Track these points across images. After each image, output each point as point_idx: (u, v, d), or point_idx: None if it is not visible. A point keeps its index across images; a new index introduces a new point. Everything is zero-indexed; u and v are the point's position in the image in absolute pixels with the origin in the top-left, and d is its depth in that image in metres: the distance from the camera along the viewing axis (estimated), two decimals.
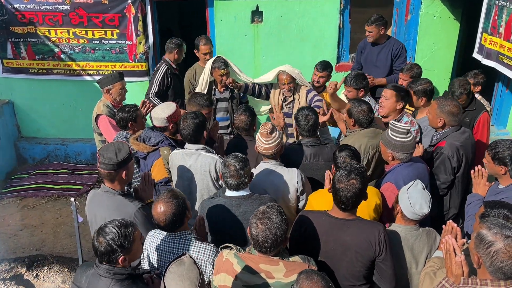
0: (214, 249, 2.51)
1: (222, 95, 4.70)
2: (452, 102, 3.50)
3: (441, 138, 3.52)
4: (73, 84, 6.27)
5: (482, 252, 1.90)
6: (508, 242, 1.84)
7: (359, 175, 2.48)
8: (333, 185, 2.52)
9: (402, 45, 5.08)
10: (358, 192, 2.45)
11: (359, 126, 3.63)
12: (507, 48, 4.18)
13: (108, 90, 4.35)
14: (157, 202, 2.47)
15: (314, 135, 3.53)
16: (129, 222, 2.27)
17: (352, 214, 2.55)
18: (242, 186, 2.78)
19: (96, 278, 2.24)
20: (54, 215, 5.32)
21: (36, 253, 4.68)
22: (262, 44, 5.98)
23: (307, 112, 3.49)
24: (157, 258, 2.58)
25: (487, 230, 1.90)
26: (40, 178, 6.00)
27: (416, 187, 2.62)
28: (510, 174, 2.90)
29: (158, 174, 3.48)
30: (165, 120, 3.51)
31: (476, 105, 4.16)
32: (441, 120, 3.49)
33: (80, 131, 6.42)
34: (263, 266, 2.24)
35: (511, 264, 1.83)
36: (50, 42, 5.98)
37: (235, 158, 2.78)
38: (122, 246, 2.18)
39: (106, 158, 2.76)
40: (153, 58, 6.12)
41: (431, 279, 2.37)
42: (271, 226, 2.18)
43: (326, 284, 1.85)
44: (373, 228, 2.50)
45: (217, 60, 4.56)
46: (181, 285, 1.88)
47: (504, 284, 1.89)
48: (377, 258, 2.49)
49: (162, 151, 3.48)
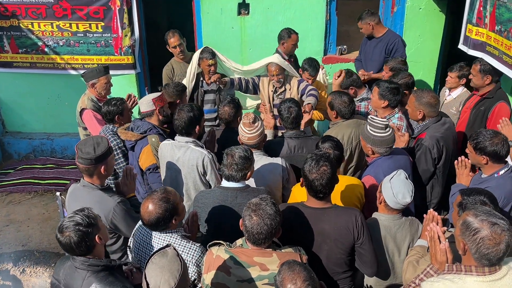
0: (199, 249, 2.47)
1: (209, 87, 4.68)
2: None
3: (422, 130, 3.56)
4: (58, 78, 6.18)
5: (468, 239, 1.92)
6: (494, 229, 1.86)
7: (327, 160, 2.51)
8: (305, 177, 2.53)
9: (398, 39, 5.05)
10: (331, 177, 2.48)
11: (342, 118, 3.67)
12: (493, 38, 4.22)
13: (93, 84, 4.30)
14: (148, 199, 2.43)
15: (297, 127, 3.54)
16: (81, 208, 2.27)
17: (327, 202, 2.58)
18: (232, 179, 2.75)
19: (73, 270, 2.23)
20: (40, 210, 5.27)
21: (22, 249, 4.63)
22: (249, 36, 5.95)
23: (290, 104, 3.50)
24: (141, 254, 2.56)
25: (474, 217, 1.93)
26: (26, 173, 5.93)
27: (399, 176, 2.65)
28: None
29: (146, 161, 3.48)
30: (151, 102, 3.50)
31: (497, 94, 4.08)
32: (420, 112, 3.53)
33: (66, 126, 6.35)
34: (257, 259, 2.23)
35: (496, 251, 1.86)
36: (33, 35, 5.88)
37: (239, 151, 2.74)
38: (90, 224, 2.19)
39: (84, 152, 2.74)
40: (139, 51, 6.05)
41: (414, 268, 2.40)
42: (265, 218, 2.19)
43: (308, 274, 1.86)
44: (350, 214, 2.53)
45: (204, 50, 4.54)
46: (161, 277, 1.88)
47: (488, 271, 1.92)
48: (356, 243, 2.52)
49: (150, 138, 3.49)
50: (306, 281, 1.82)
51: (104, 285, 2.17)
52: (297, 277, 1.84)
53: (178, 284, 1.88)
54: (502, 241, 1.86)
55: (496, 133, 2.98)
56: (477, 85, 4.19)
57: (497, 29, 4.15)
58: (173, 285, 1.86)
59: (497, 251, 1.86)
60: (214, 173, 3.25)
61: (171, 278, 1.88)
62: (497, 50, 4.14)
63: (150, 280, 1.89)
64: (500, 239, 1.86)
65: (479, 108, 4.12)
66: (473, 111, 4.16)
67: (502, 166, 2.97)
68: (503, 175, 2.94)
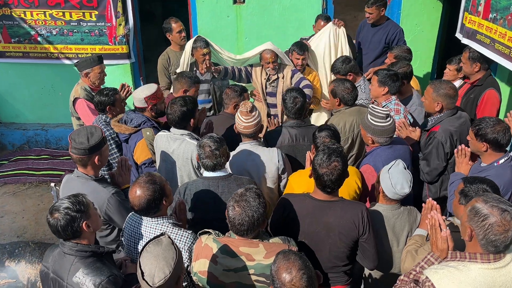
0: (191, 236, 2.46)
1: (203, 77, 4.62)
2: (448, 84, 3.44)
3: (436, 122, 3.44)
4: (51, 68, 6.11)
5: (476, 225, 1.91)
6: (504, 216, 1.85)
7: (339, 156, 2.47)
8: (314, 170, 2.48)
9: (399, 29, 5.01)
10: (341, 173, 2.45)
11: (345, 105, 3.64)
12: (485, 26, 4.18)
13: (87, 74, 4.24)
14: (134, 185, 2.42)
15: (300, 118, 3.50)
16: (76, 193, 2.26)
17: (335, 196, 2.54)
18: (218, 166, 2.75)
19: (61, 256, 2.22)
20: (35, 201, 5.23)
21: (17, 240, 4.61)
22: (244, 25, 5.88)
23: (296, 94, 3.45)
24: (134, 243, 2.54)
25: (483, 203, 1.91)
26: (21, 164, 5.88)
27: (397, 167, 2.63)
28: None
29: (141, 156, 3.43)
30: (143, 100, 3.45)
31: (486, 81, 4.05)
32: (438, 104, 3.40)
33: (61, 116, 6.28)
34: (243, 249, 2.23)
35: (504, 238, 1.86)
36: (26, 25, 5.80)
37: (210, 138, 2.75)
38: (80, 210, 2.17)
39: (77, 142, 2.70)
40: (133, 41, 5.98)
41: (412, 257, 2.39)
42: (247, 209, 2.17)
43: (303, 263, 1.84)
44: (357, 209, 2.50)
45: (198, 39, 4.47)
46: (156, 265, 1.85)
47: (493, 258, 1.92)
48: (360, 238, 2.50)
49: (144, 132, 3.44)
50: (301, 270, 1.81)
51: (91, 271, 2.16)
52: (292, 266, 1.82)
53: (173, 273, 1.86)
54: (511, 228, 1.85)
55: (498, 121, 2.95)
56: (467, 73, 4.20)
57: (491, 17, 4.11)
58: (167, 274, 1.84)
59: (505, 238, 1.86)
60: None
61: (166, 267, 1.86)
62: (489, 38, 4.11)
63: (144, 269, 1.87)
64: (509, 226, 1.85)
65: (469, 96, 4.11)
66: (463, 99, 4.15)
67: (502, 155, 2.94)
68: (503, 164, 2.92)
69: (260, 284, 2.22)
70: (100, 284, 2.12)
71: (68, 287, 2.18)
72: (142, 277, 1.85)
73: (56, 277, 2.24)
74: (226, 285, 2.25)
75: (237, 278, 2.23)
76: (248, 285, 2.23)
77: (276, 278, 1.84)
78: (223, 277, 2.24)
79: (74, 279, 2.15)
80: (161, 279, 1.82)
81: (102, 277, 2.14)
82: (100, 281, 2.13)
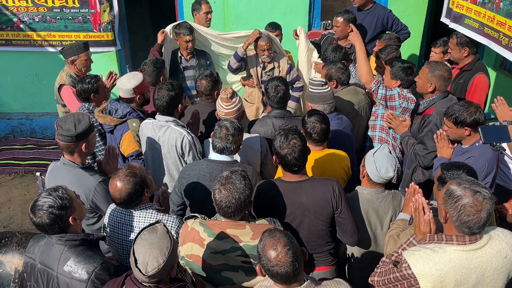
0: (176, 220, 2.46)
1: (188, 63, 4.58)
2: (443, 66, 3.43)
3: (429, 105, 3.44)
4: (35, 56, 6.00)
5: (450, 207, 1.93)
6: (476, 197, 1.88)
7: (296, 133, 2.51)
8: (277, 154, 2.52)
9: (388, 11, 4.98)
10: (302, 149, 2.48)
11: (341, 85, 3.83)
12: (473, 11, 4.18)
13: (73, 61, 4.17)
14: (114, 178, 2.38)
15: (284, 107, 3.49)
16: (55, 187, 2.22)
17: (303, 175, 2.57)
18: (226, 151, 2.72)
19: (49, 246, 2.20)
20: (21, 192, 5.18)
21: (4, 230, 4.56)
22: (232, 11, 5.82)
23: (277, 83, 3.43)
24: (119, 234, 2.51)
25: (457, 185, 1.94)
26: (6, 154, 5.80)
27: (382, 151, 2.64)
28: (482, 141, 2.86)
29: (128, 148, 3.38)
30: (132, 91, 3.38)
31: (475, 66, 4.05)
32: (431, 85, 3.39)
33: (46, 105, 6.19)
34: (230, 231, 2.24)
35: (477, 219, 1.88)
36: (7, 11, 5.67)
37: (231, 123, 2.72)
38: (64, 207, 2.15)
39: (64, 129, 2.66)
40: (119, 27, 5.88)
41: (395, 241, 2.42)
42: (234, 191, 2.18)
43: (288, 240, 1.88)
44: (327, 185, 2.52)
45: (181, 25, 4.42)
46: (150, 253, 1.84)
47: (468, 240, 1.94)
48: (335, 213, 2.53)
49: (130, 123, 3.38)
50: (287, 246, 1.84)
51: (83, 259, 2.15)
52: (278, 243, 1.85)
53: (167, 262, 1.85)
54: (483, 208, 1.87)
55: (468, 103, 2.98)
56: (455, 59, 4.19)
57: (479, 1, 4.11)
58: (161, 263, 1.83)
59: (478, 218, 1.88)
60: (192, 155, 3.17)
61: (160, 256, 1.85)
62: (478, 22, 4.11)
63: (138, 256, 1.85)
64: (482, 207, 1.87)
65: (458, 81, 4.12)
66: (452, 85, 4.15)
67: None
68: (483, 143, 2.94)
69: (247, 265, 2.23)
70: (94, 271, 2.12)
71: (59, 276, 2.17)
72: (135, 265, 1.84)
73: (44, 268, 2.22)
74: (213, 267, 2.26)
75: (225, 260, 2.24)
76: (235, 266, 2.24)
77: (262, 255, 1.87)
78: (210, 259, 2.26)
79: (66, 268, 2.14)
80: (154, 268, 1.82)
81: (95, 264, 2.14)
82: (93, 268, 2.13)
